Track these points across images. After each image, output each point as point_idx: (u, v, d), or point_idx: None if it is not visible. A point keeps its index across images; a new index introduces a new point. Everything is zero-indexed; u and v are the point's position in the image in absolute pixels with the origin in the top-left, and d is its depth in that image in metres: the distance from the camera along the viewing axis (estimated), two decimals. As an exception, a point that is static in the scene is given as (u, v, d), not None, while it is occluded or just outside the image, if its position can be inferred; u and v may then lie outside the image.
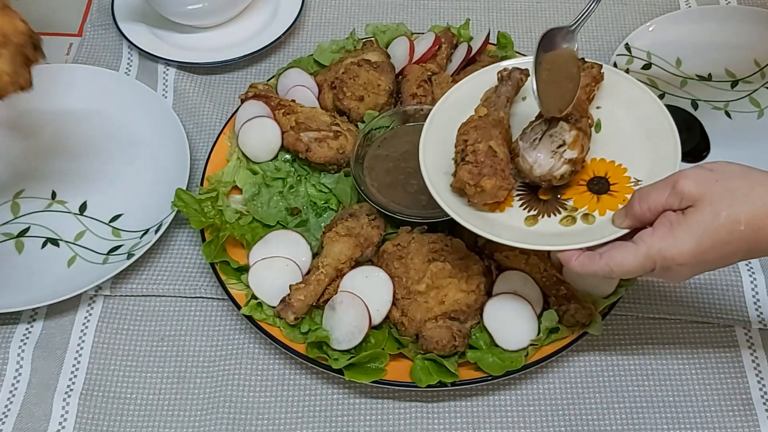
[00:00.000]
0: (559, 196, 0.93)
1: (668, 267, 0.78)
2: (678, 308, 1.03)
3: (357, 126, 1.13)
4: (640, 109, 0.96)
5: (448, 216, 1.01)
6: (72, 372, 0.99)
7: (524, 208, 0.93)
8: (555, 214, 0.91)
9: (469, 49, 1.20)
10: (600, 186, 0.92)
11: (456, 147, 0.94)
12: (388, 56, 1.20)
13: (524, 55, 1.23)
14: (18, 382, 0.98)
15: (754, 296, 1.04)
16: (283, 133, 1.11)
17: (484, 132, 0.92)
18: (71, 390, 0.97)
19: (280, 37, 1.31)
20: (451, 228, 1.04)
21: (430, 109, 1.11)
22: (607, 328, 1.01)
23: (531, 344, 0.94)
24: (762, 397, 0.97)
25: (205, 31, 1.34)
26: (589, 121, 0.94)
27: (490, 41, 1.23)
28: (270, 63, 1.32)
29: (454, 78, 1.17)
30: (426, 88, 1.14)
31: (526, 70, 0.99)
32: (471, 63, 1.20)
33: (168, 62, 1.29)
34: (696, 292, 1.05)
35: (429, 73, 1.16)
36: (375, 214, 1.03)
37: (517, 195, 0.94)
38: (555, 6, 1.40)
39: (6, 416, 0.95)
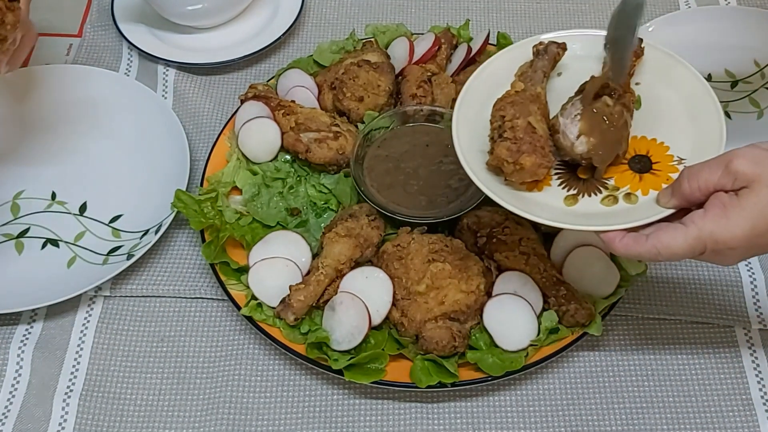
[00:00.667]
0: None
1: (719, 251, 0.75)
2: (678, 308, 1.03)
3: (357, 126, 1.13)
4: (682, 85, 0.93)
5: (448, 216, 1.02)
6: (72, 373, 0.99)
7: (563, 188, 0.89)
8: (596, 194, 0.88)
9: (469, 49, 1.20)
10: (642, 164, 0.89)
11: (492, 123, 0.90)
12: (388, 57, 1.20)
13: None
14: (18, 382, 0.98)
15: (753, 296, 1.04)
16: (282, 133, 1.11)
17: (521, 107, 0.88)
18: (71, 391, 0.97)
19: (279, 37, 1.31)
20: (451, 228, 1.04)
21: (431, 109, 1.11)
22: (606, 328, 1.01)
23: (531, 345, 0.94)
24: (762, 397, 0.97)
25: (205, 31, 1.34)
26: (632, 97, 0.91)
27: (489, 42, 1.23)
28: (270, 64, 1.32)
29: (454, 78, 1.17)
30: (426, 89, 1.14)
31: (563, 43, 0.96)
32: (471, 63, 1.21)
33: (168, 63, 1.30)
34: (696, 292, 1.05)
35: (429, 74, 1.16)
36: (375, 214, 1.03)
37: (556, 174, 0.91)
38: (555, 7, 1.40)
39: (6, 417, 0.95)
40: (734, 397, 0.97)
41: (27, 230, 1.10)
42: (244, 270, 1.00)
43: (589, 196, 0.88)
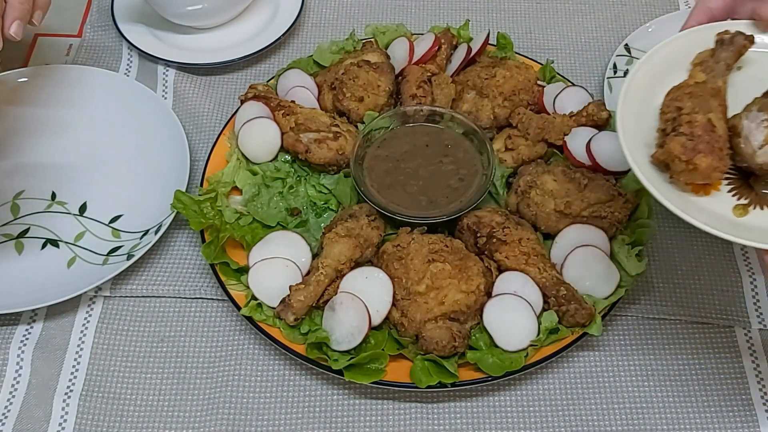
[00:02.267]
0: None
1: None
2: (678, 309, 1.03)
3: (357, 127, 1.13)
4: None
5: (448, 216, 1.02)
6: (72, 373, 0.99)
7: (733, 195, 0.81)
8: None
9: (469, 49, 1.20)
10: None
11: (664, 114, 0.82)
12: (388, 57, 1.20)
13: (525, 56, 1.23)
14: (18, 383, 0.98)
15: (753, 297, 1.04)
16: (282, 134, 1.11)
17: (701, 101, 0.80)
18: (71, 391, 0.97)
19: (279, 38, 1.31)
20: (451, 228, 1.04)
21: (431, 109, 1.11)
22: (606, 328, 1.01)
23: (531, 345, 0.94)
24: (762, 397, 0.97)
25: (204, 32, 1.34)
26: None
27: (489, 42, 1.23)
28: (270, 64, 1.32)
29: (454, 78, 1.17)
30: (426, 89, 1.14)
31: (751, 36, 0.86)
32: (470, 63, 1.21)
33: (168, 63, 1.30)
34: (696, 292, 1.05)
35: (429, 74, 1.16)
36: (375, 214, 1.03)
37: (726, 179, 0.82)
38: (555, 7, 1.40)
39: (6, 417, 0.95)
40: (734, 398, 0.97)
41: (27, 230, 1.10)
42: (244, 270, 1.00)
43: (762, 208, 0.80)
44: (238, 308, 0.98)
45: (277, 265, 0.99)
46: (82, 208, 1.12)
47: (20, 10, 0.98)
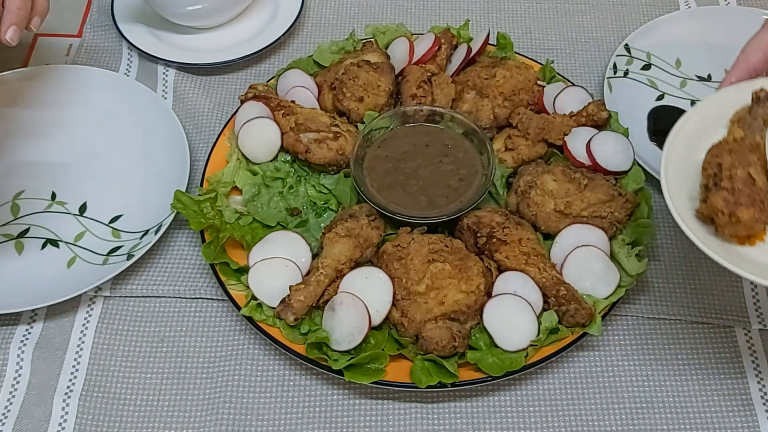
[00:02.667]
0: None
1: None
2: (678, 309, 1.03)
3: (357, 127, 1.13)
4: None
5: (448, 216, 1.02)
6: (72, 373, 0.99)
7: None
8: None
9: (469, 49, 1.20)
10: None
11: (706, 170, 0.86)
12: (388, 57, 1.20)
13: (525, 56, 1.23)
14: (18, 383, 0.98)
15: (753, 296, 1.04)
16: (282, 134, 1.11)
17: (740, 157, 0.84)
18: (71, 391, 0.97)
19: (279, 38, 1.31)
20: (451, 228, 1.04)
21: (431, 110, 1.11)
22: (606, 328, 1.01)
23: (531, 345, 0.94)
24: (762, 397, 0.97)
25: (204, 32, 1.34)
26: None
27: (489, 42, 1.23)
28: (270, 64, 1.32)
29: (454, 79, 1.17)
30: (426, 89, 1.14)
31: None
32: (470, 64, 1.21)
33: (168, 63, 1.30)
34: (696, 292, 1.05)
35: (429, 74, 1.16)
36: (375, 214, 1.03)
37: None
38: (555, 7, 1.40)
39: (6, 417, 0.95)
40: (734, 397, 0.97)
41: (27, 230, 1.10)
42: (244, 270, 1.00)
43: None
44: (238, 308, 0.98)
45: (277, 265, 0.99)
46: (82, 208, 1.12)
47: (17, 16, 0.98)
